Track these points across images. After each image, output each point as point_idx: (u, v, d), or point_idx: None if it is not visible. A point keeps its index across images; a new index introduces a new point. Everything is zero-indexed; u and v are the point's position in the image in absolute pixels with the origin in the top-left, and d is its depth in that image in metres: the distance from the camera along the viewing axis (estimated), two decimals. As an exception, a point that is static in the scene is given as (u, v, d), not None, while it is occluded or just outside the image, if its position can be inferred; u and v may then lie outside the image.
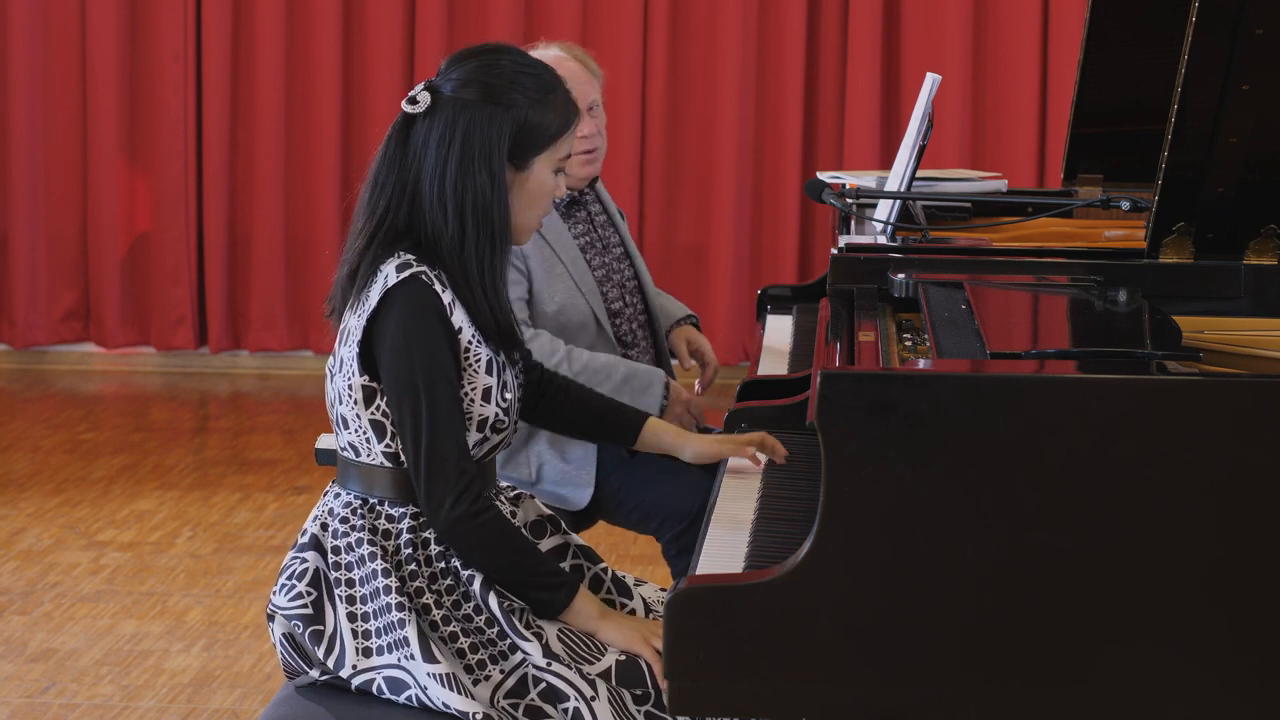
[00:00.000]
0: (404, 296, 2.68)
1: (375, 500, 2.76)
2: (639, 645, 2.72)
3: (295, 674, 2.78)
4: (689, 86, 7.55)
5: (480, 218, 2.72)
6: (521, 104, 2.74)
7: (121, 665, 4.44)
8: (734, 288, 7.53)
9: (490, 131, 2.72)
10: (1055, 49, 7.33)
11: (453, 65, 2.78)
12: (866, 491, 2.36)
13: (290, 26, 7.61)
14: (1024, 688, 2.38)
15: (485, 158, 2.72)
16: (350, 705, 2.71)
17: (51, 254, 7.77)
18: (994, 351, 2.53)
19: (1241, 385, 2.39)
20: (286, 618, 2.75)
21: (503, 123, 2.73)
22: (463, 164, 2.71)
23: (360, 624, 2.71)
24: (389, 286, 2.69)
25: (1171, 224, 3.12)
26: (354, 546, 2.74)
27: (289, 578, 2.78)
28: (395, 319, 2.68)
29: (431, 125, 2.74)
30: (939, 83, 3.69)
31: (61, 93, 7.69)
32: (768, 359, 3.81)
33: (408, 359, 2.68)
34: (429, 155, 2.73)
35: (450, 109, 2.73)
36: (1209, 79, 2.97)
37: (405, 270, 2.70)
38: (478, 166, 2.72)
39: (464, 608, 2.72)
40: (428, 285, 2.70)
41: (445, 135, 2.72)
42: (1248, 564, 2.35)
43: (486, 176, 2.72)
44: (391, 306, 2.69)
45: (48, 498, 5.86)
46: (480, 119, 2.72)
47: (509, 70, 2.76)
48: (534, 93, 2.76)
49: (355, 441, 2.77)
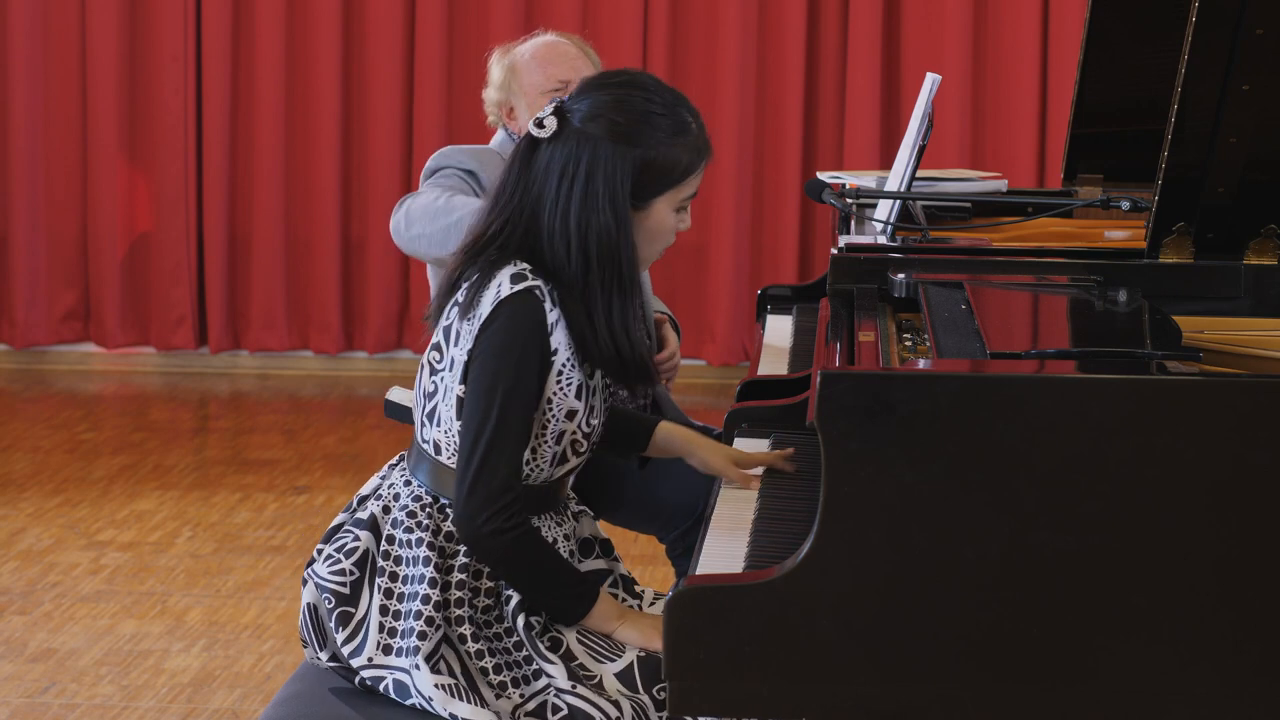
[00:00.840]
0: (514, 306, 2.67)
1: (445, 501, 2.75)
2: (657, 642, 2.71)
3: (306, 645, 2.78)
4: (689, 86, 7.55)
5: (605, 258, 2.69)
6: (648, 144, 2.71)
7: (121, 665, 4.44)
8: (734, 288, 7.53)
9: (614, 170, 2.69)
10: (1055, 49, 7.33)
11: (585, 92, 2.74)
12: (866, 491, 2.36)
13: (290, 26, 7.61)
14: (1024, 687, 2.38)
15: (609, 197, 2.69)
16: (353, 705, 2.71)
17: (51, 254, 7.77)
18: (994, 351, 2.53)
19: (1241, 385, 2.39)
20: (319, 588, 2.74)
21: (626, 162, 2.69)
22: (586, 200, 2.68)
23: (390, 620, 2.71)
24: (503, 297, 2.67)
25: (1171, 224, 3.12)
26: (412, 544, 2.72)
27: (337, 550, 2.76)
28: (498, 328, 2.67)
29: (554, 152, 2.71)
30: (939, 83, 3.69)
31: (61, 93, 7.69)
32: (768, 359, 3.81)
33: (494, 368, 2.66)
34: (550, 183, 2.70)
35: (575, 140, 2.70)
36: (1209, 79, 2.97)
37: (520, 282, 2.68)
38: (601, 205, 2.68)
39: (495, 627, 2.72)
40: (539, 301, 2.68)
41: (568, 167, 2.69)
42: (1248, 564, 2.35)
43: (611, 217, 2.69)
44: (498, 320, 2.67)
45: (48, 498, 5.87)
46: (604, 156, 2.69)
47: (640, 108, 2.72)
48: (663, 133, 2.72)
49: (440, 441, 2.75)
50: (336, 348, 7.73)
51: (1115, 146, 4.03)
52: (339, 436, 6.77)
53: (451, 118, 7.58)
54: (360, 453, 6.53)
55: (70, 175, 7.73)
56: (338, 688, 2.76)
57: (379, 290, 7.68)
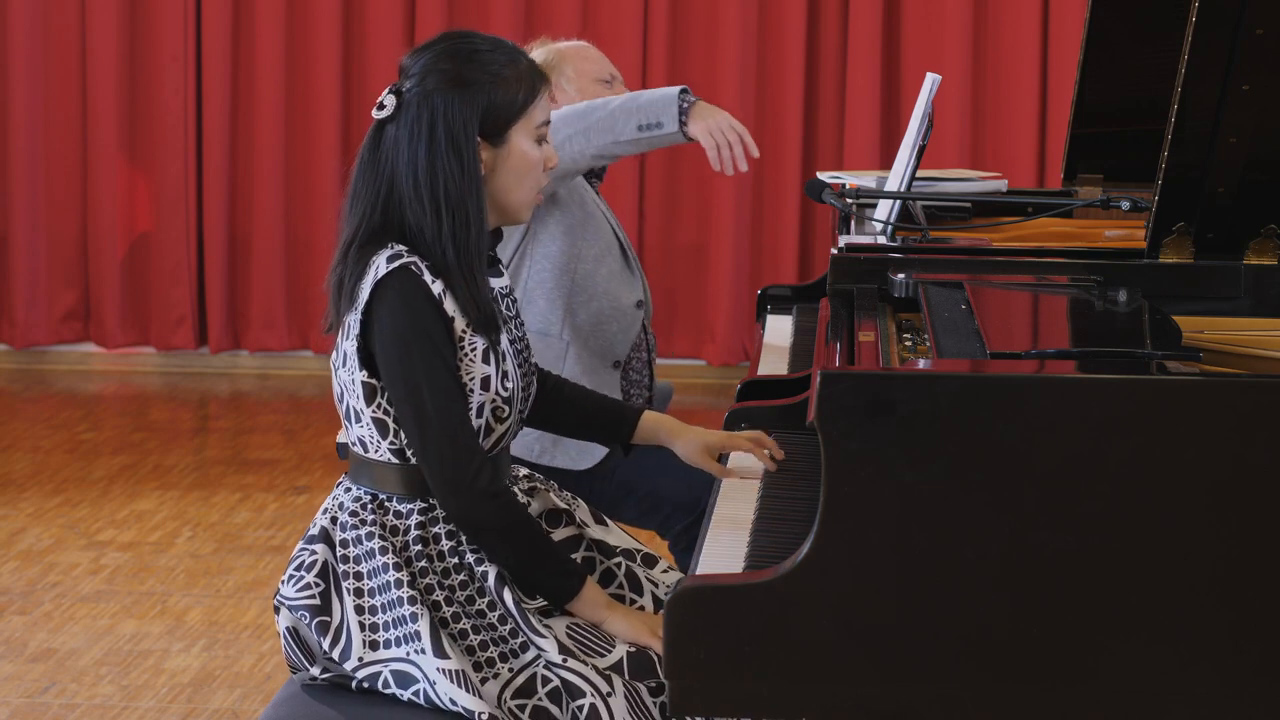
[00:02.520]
0: (395, 284, 2.69)
1: (384, 497, 2.76)
2: (646, 637, 2.73)
3: (297, 668, 2.78)
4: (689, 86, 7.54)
5: (455, 204, 2.71)
6: (484, 81, 2.74)
7: (121, 665, 4.44)
8: (734, 288, 7.53)
9: (457, 115, 2.72)
10: (1055, 49, 7.33)
11: (411, 62, 2.78)
12: (866, 491, 2.36)
13: (290, 26, 7.61)
14: (1024, 687, 2.38)
15: (454, 143, 2.71)
16: (353, 705, 2.70)
17: (51, 254, 7.77)
18: (994, 351, 2.54)
19: (1241, 385, 2.39)
20: (293, 609, 2.74)
21: (468, 104, 2.72)
22: (431, 153, 2.71)
23: (368, 617, 2.71)
24: (380, 277, 2.69)
25: (1171, 224, 3.12)
26: (363, 540, 2.73)
27: (297, 569, 2.77)
28: (388, 308, 2.68)
29: (400, 124, 2.74)
30: (939, 83, 3.69)
31: (61, 93, 7.69)
32: (768, 359, 3.81)
33: (403, 346, 2.68)
34: (401, 152, 2.72)
35: (415, 104, 2.73)
36: (1209, 79, 2.97)
37: (396, 261, 2.69)
38: (447, 153, 2.71)
39: (477, 603, 2.72)
40: (417, 275, 2.69)
41: (415, 129, 2.72)
42: (1248, 564, 2.35)
43: (457, 162, 2.71)
44: (383, 296, 2.69)
45: (48, 498, 5.87)
46: (446, 105, 2.72)
47: (465, 51, 2.76)
48: (495, 67, 2.75)
49: (364, 438, 2.78)
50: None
51: (1115, 146, 4.03)
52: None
53: (451, 118, 7.58)
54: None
55: (70, 175, 7.73)
56: (337, 688, 2.76)
57: (379, 290, 7.67)
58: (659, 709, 2.68)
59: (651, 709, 2.68)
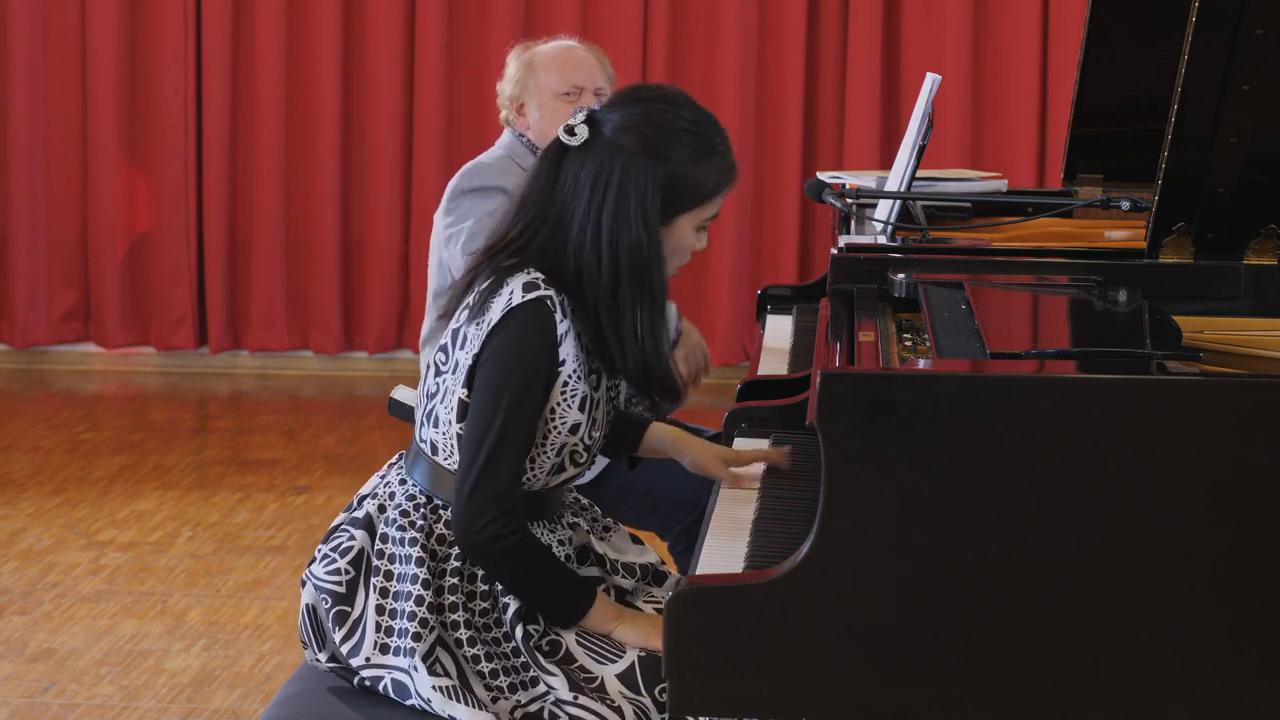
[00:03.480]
0: (524, 316, 2.65)
1: (440, 502, 2.74)
2: (655, 641, 2.71)
3: (306, 645, 2.78)
4: (689, 86, 7.48)
5: (637, 272, 2.68)
6: (678, 161, 2.69)
7: (121, 665, 4.44)
8: (734, 288, 7.53)
9: (645, 184, 2.67)
10: (1055, 49, 7.33)
11: (618, 104, 2.74)
12: (866, 491, 2.36)
13: (290, 26, 7.61)
14: (1024, 687, 2.38)
15: (641, 210, 2.67)
16: (355, 704, 2.71)
17: (51, 254, 7.77)
18: (994, 351, 2.53)
19: (1241, 385, 2.39)
20: (316, 588, 2.74)
21: (657, 177, 2.68)
22: (618, 213, 2.67)
23: (386, 619, 2.71)
24: (512, 306, 2.66)
25: (1171, 224, 3.12)
26: (405, 543, 2.72)
27: (333, 549, 2.75)
28: (506, 338, 2.65)
29: (585, 162, 2.69)
30: (939, 83, 3.69)
31: (61, 93, 7.69)
32: (768, 359, 3.81)
33: (501, 376, 2.65)
34: (581, 193, 2.68)
35: (607, 151, 2.68)
36: (1209, 79, 2.97)
37: (532, 291, 2.66)
38: (633, 219, 2.67)
39: (494, 631, 2.71)
40: (550, 311, 2.66)
41: (600, 179, 2.67)
42: (1248, 564, 2.35)
43: (643, 230, 2.67)
44: (507, 329, 2.66)
45: (48, 498, 5.86)
46: (634, 169, 2.67)
47: (670, 125, 2.70)
48: (693, 151, 2.71)
49: (439, 442, 2.74)
50: (336, 348, 7.73)
51: (1115, 146, 4.03)
52: (339, 436, 6.77)
53: (451, 118, 7.59)
54: (360, 453, 6.53)
55: (70, 175, 7.73)
56: (337, 687, 2.76)
57: (379, 290, 7.68)
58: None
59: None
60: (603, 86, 3.95)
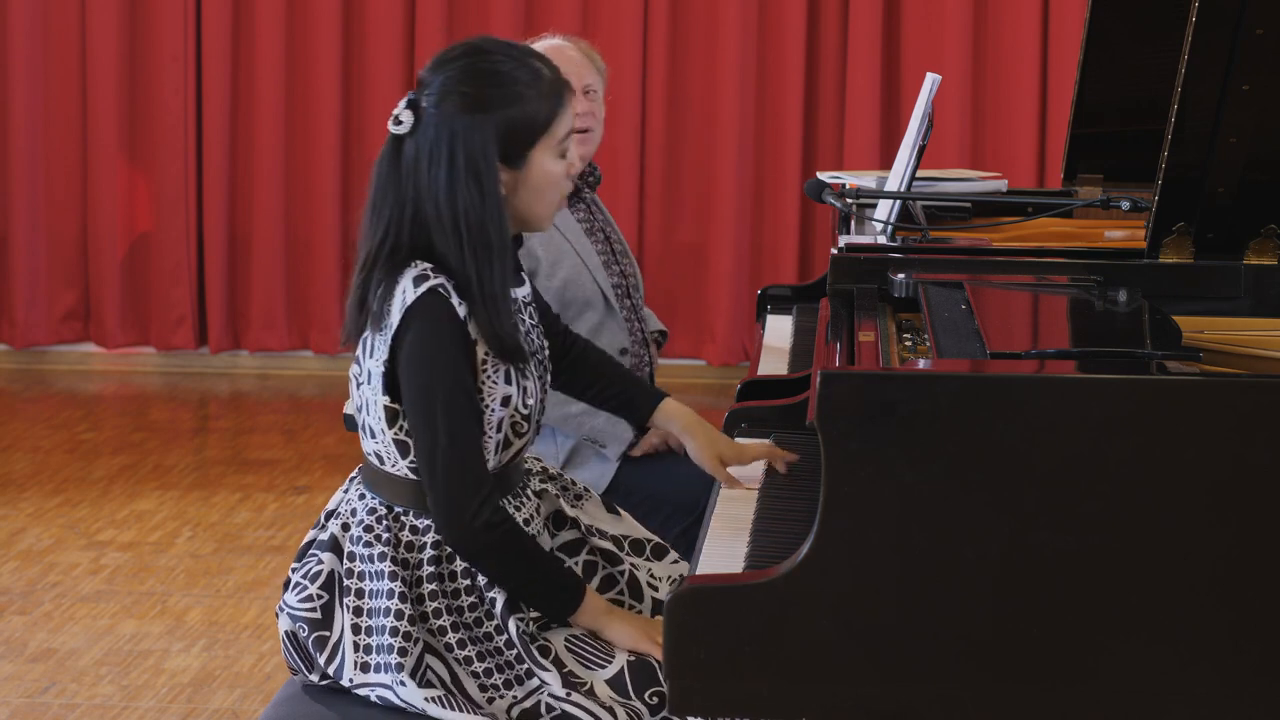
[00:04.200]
0: (422, 312, 2.65)
1: (400, 510, 2.74)
2: (645, 644, 2.72)
3: (295, 671, 2.78)
4: (689, 86, 7.55)
5: (475, 231, 2.67)
6: (503, 104, 2.69)
7: (121, 665, 4.44)
8: (734, 288, 7.53)
9: (476, 141, 2.67)
10: (1055, 49, 7.33)
11: (430, 77, 2.72)
12: (866, 491, 2.36)
13: (290, 26, 7.61)
14: (1024, 687, 2.38)
15: (473, 171, 2.67)
16: (352, 706, 2.71)
17: (51, 254, 7.77)
18: (994, 351, 2.53)
19: (1241, 385, 2.39)
20: (293, 618, 2.74)
21: (486, 130, 2.67)
22: (451, 179, 2.66)
23: (362, 637, 2.70)
24: (408, 305, 2.66)
25: (1171, 224, 3.12)
26: (373, 559, 2.71)
27: (302, 577, 2.75)
28: (415, 335, 2.65)
29: (419, 143, 2.69)
30: (939, 83, 3.69)
31: (61, 93, 7.68)
32: (768, 359, 3.81)
33: (427, 374, 2.65)
34: (422, 174, 2.68)
35: (433, 125, 2.68)
36: (1209, 79, 2.97)
37: (423, 284, 2.66)
38: (466, 180, 2.66)
39: (485, 626, 2.71)
40: (445, 298, 2.66)
41: (434, 152, 2.67)
42: (1248, 564, 2.35)
43: (476, 189, 2.67)
44: (411, 324, 2.66)
45: (48, 498, 5.86)
46: (465, 130, 2.67)
47: (485, 71, 2.70)
48: (517, 87, 2.70)
49: (381, 452, 2.75)
50: (336, 348, 7.73)
51: (1115, 146, 4.03)
52: (339, 436, 6.76)
53: (451, 118, 7.57)
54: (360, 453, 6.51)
55: (70, 175, 7.73)
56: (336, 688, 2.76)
57: (379, 290, 7.67)
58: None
59: None
60: (592, 84, 3.93)
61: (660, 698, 2.67)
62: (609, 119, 4.07)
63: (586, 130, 3.89)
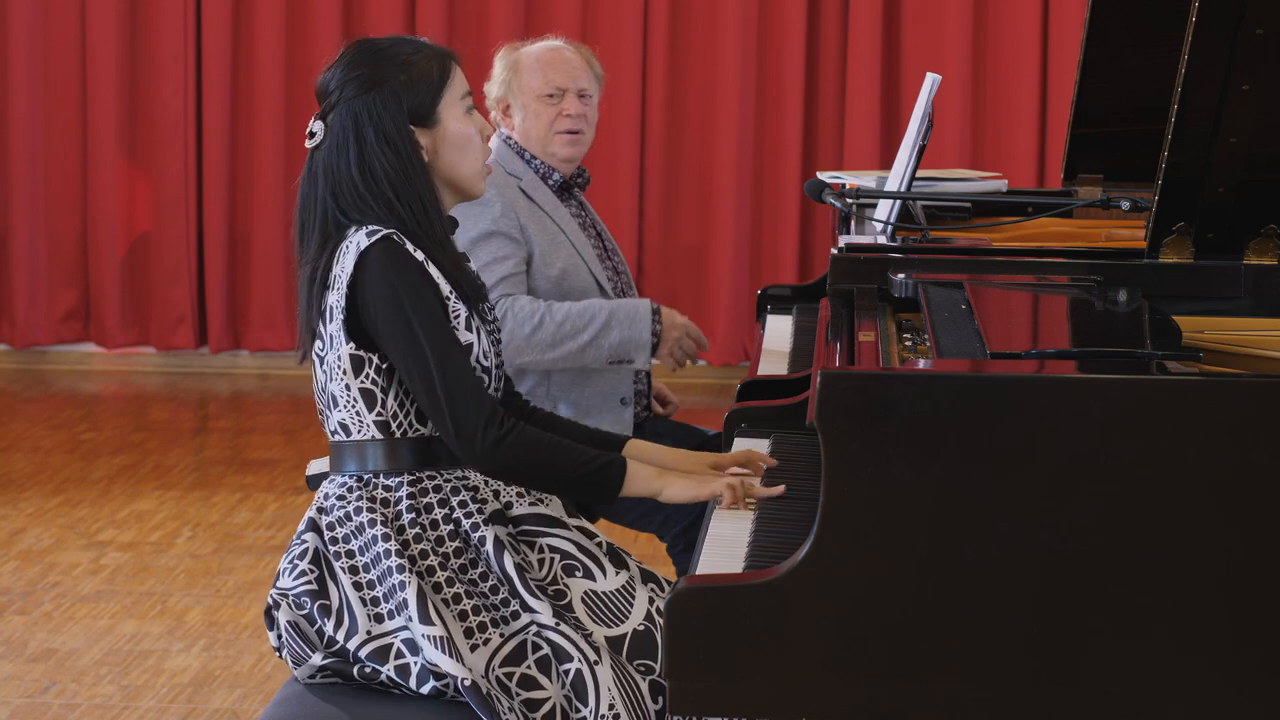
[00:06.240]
0: (380, 255, 2.74)
1: (370, 475, 2.80)
2: (704, 492, 2.81)
3: (300, 661, 2.78)
4: (689, 86, 7.56)
5: (402, 190, 2.79)
6: (394, 74, 2.81)
7: (121, 665, 4.44)
8: (734, 288, 7.53)
9: (382, 111, 2.79)
10: (1055, 49, 7.33)
11: (325, 81, 2.85)
12: (866, 491, 2.36)
13: (290, 26, 7.61)
14: (1024, 687, 2.38)
15: (386, 138, 2.79)
16: (353, 703, 2.71)
17: (51, 254, 7.77)
18: (994, 351, 2.54)
19: (1241, 385, 2.39)
20: (294, 597, 2.76)
21: (389, 98, 2.80)
22: (363, 154, 2.79)
23: (368, 591, 2.74)
24: (363, 249, 2.74)
25: (1171, 224, 3.12)
26: (352, 516, 2.77)
27: (290, 560, 2.80)
28: (378, 276, 2.73)
29: (330, 143, 2.82)
30: (939, 83, 3.69)
31: (61, 93, 7.69)
32: (768, 359, 3.81)
33: (402, 309, 2.73)
34: (335, 165, 2.80)
35: (338, 119, 2.81)
36: (1209, 79, 2.97)
37: (375, 234, 2.75)
38: (380, 149, 2.78)
39: (470, 572, 2.75)
40: (399, 244, 2.75)
41: (343, 139, 2.80)
42: (1248, 563, 2.35)
43: (393, 154, 2.78)
44: (369, 268, 2.74)
45: (48, 498, 5.87)
46: (369, 107, 2.79)
47: (369, 51, 2.84)
48: (400, 59, 2.82)
49: (346, 419, 2.80)
50: (336, 348, 7.72)
51: (1115, 146, 4.04)
52: (339, 436, 6.76)
53: (451, 118, 7.58)
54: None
55: (70, 175, 7.73)
56: (336, 686, 2.76)
57: (379, 290, 7.67)
58: (648, 687, 2.69)
59: (640, 685, 2.69)
60: (587, 88, 3.92)
61: (647, 669, 2.71)
62: (608, 120, 4.08)
63: (577, 132, 3.89)
